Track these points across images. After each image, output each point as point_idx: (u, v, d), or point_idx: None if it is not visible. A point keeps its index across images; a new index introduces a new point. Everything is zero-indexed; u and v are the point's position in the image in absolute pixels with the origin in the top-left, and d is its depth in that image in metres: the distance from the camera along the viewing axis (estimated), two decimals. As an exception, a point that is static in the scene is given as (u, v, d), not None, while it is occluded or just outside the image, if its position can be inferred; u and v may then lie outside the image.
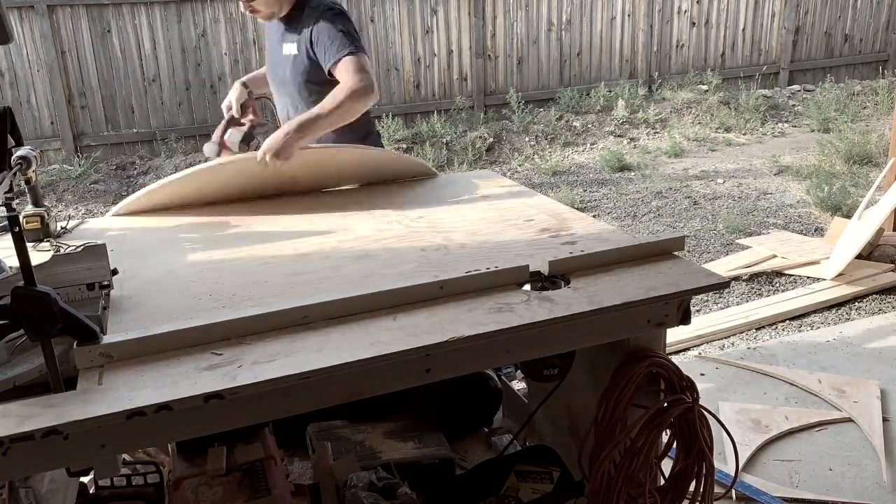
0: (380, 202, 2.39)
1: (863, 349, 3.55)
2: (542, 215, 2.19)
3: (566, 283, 1.69)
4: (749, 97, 8.80)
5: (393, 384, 1.49)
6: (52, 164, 7.22)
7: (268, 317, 1.48)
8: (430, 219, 2.20)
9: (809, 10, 9.90)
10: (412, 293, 1.59)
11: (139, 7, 7.43)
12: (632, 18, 9.20)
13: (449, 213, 2.26)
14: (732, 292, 4.25)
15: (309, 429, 2.35)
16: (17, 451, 1.19)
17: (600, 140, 8.14)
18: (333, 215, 2.28)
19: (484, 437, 2.49)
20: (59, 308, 1.27)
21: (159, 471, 2.04)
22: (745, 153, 7.58)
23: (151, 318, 1.56)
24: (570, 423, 2.15)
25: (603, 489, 1.73)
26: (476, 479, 2.10)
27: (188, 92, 7.78)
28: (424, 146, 7.62)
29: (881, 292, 4.14)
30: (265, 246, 2.00)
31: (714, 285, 1.69)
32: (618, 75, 9.28)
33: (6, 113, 1.68)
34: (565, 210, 2.25)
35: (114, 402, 1.24)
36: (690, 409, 1.75)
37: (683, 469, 1.82)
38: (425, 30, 8.41)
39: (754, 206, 5.86)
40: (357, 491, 1.93)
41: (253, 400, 1.34)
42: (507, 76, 8.85)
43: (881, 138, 7.15)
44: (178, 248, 2.02)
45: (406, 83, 8.47)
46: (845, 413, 3.00)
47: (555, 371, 1.89)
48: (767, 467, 2.72)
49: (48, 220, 2.08)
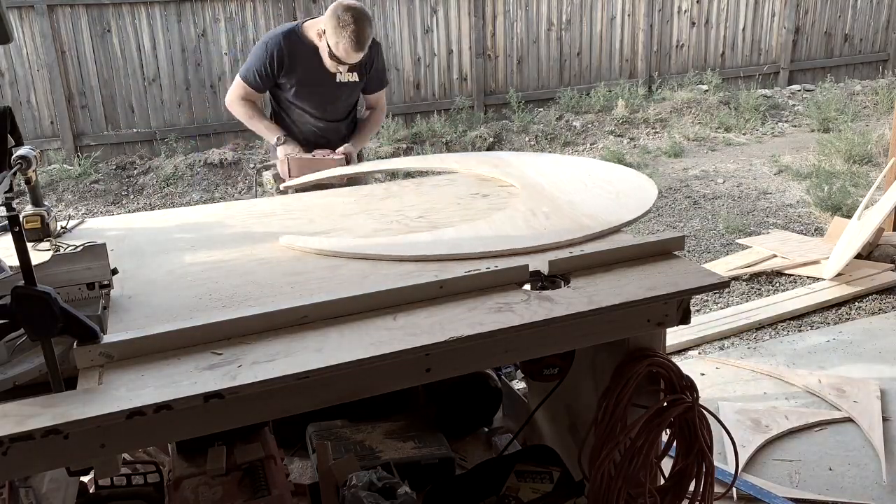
0: (380, 202, 2.39)
1: (863, 349, 3.55)
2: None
3: (566, 282, 1.69)
4: (749, 97, 8.79)
5: (393, 384, 1.49)
6: (52, 164, 7.22)
7: (268, 317, 1.48)
8: (431, 218, 2.20)
9: (809, 9, 9.90)
10: (412, 293, 1.59)
11: (139, 7, 7.42)
12: (632, 18, 9.20)
13: (449, 213, 2.26)
14: (732, 292, 4.25)
15: (309, 429, 2.35)
16: (17, 451, 1.19)
17: (600, 140, 8.14)
18: (333, 215, 2.28)
19: (484, 437, 2.49)
20: (59, 308, 1.27)
21: (159, 471, 2.04)
22: (745, 153, 7.58)
23: (151, 318, 1.56)
24: (570, 423, 2.15)
25: (603, 489, 1.73)
26: (476, 479, 2.10)
27: (188, 92, 7.77)
28: (424, 146, 7.62)
29: (881, 292, 4.14)
30: (265, 246, 2.00)
31: (714, 285, 1.69)
32: (618, 75, 9.28)
33: (6, 113, 1.68)
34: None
35: (114, 402, 1.24)
36: (690, 408, 1.75)
37: (683, 469, 1.82)
38: (425, 30, 8.41)
39: (754, 206, 5.86)
40: (357, 491, 1.93)
41: (253, 400, 1.34)
42: (507, 76, 8.85)
43: (881, 138, 7.15)
44: (178, 248, 2.02)
45: (406, 83, 8.47)
46: (845, 413, 3.00)
47: (555, 371, 1.89)
48: (767, 467, 2.72)
49: (48, 220, 2.08)
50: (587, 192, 2.30)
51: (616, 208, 2.12)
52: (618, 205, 2.16)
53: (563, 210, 2.13)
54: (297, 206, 2.40)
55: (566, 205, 2.17)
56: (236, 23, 7.73)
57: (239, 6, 7.69)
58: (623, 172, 2.54)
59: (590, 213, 2.08)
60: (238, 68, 3.59)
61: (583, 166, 2.67)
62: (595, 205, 2.17)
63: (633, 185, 2.34)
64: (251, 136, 7.97)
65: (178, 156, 7.42)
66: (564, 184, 2.38)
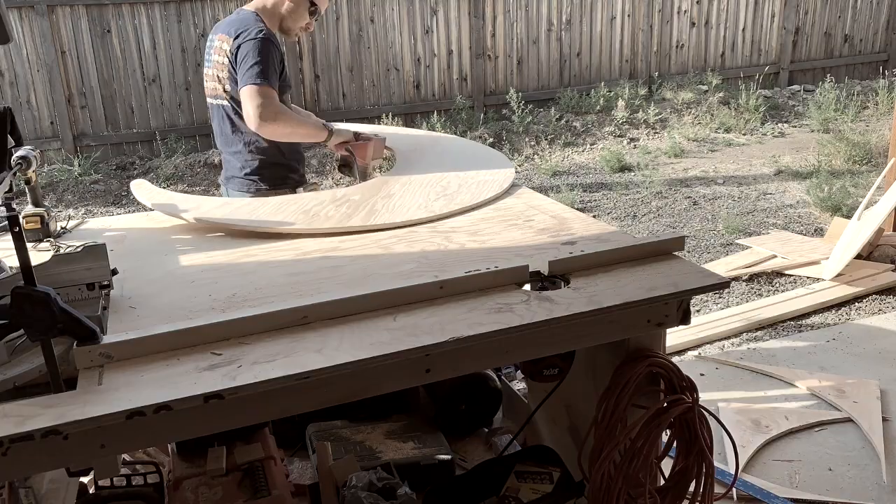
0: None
1: (863, 349, 3.55)
2: (542, 215, 2.19)
3: (566, 283, 1.69)
4: (749, 97, 8.80)
5: (393, 384, 1.48)
6: (53, 164, 7.22)
7: (268, 317, 1.48)
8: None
9: (809, 10, 9.91)
10: (412, 293, 1.59)
11: (139, 7, 7.43)
12: (632, 18, 9.20)
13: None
14: (732, 292, 4.25)
15: (309, 429, 2.35)
16: (17, 451, 1.19)
17: (600, 140, 8.14)
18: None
19: (484, 437, 2.49)
20: (59, 308, 1.27)
21: (159, 471, 2.04)
22: (745, 153, 7.59)
23: (151, 318, 1.56)
24: (570, 423, 2.14)
25: (603, 489, 1.73)
26: (476, 480, 2.10)
27: (188, 92, 7.78)
28: (424, 146, 7.61)
29: (881, 292, 4.15)
30: (265, 246, 2.00)
31: (714, 285, 1.69)
32: (618, 75, 9.29)
33: (6, 113, 1.68)
34: (565, 210, 2.25)
35: (114, 402, 1.24)
36: (690, 409, 1.74)
37: (683, 469, 1.82)
38: (425, 30, 8.41)
39: (754, 207, 5.86)
40: (357, 491, 1.93)
41: (253, 400, 1.34)
42: (507, 76, 8.85)
43: (881, 138, 7.15)
44: (178, 249, 2.02)
45: (406, 83, 8.47)
46: (845, 413, 3.00)
47: (555, 371, 1.89)
48: (767, 467, 2.72)
49: (48, 220, 2.08)
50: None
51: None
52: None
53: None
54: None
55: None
56: (236, 23, 7.73)
57: (239, 6, 7.69)
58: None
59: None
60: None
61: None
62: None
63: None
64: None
65: (178, 156, 7.42)
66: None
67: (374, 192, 2.32)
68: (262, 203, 2.31)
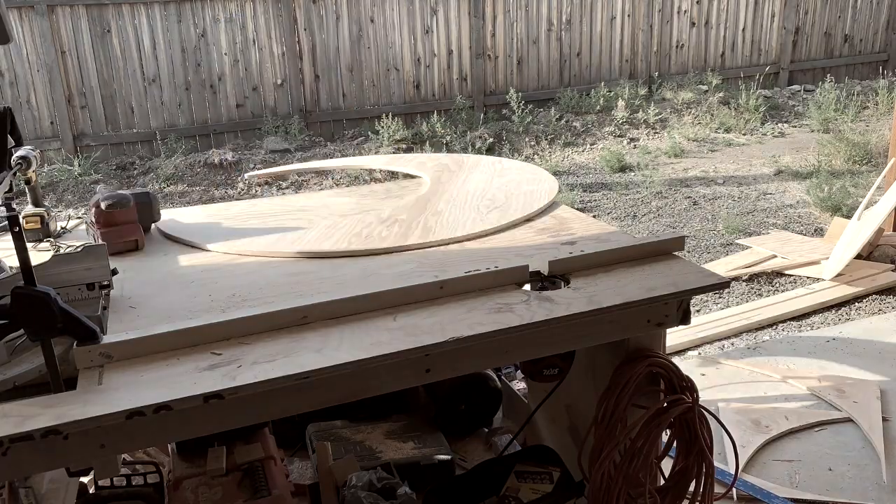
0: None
1: (863, 349, 3.55)
2: (543, 215, 2.19)
3: (566, 283, 1.69)
4: (749, 97, 8.80)
5: (393, 384, 1.48)
6: (53, 164, 7.22)
7: (268, 317, 1.48)
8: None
9: (809, 10, 9.91)
10: (412, 293, 1.59)
11: (139, 7, 7.43)
12: (632, 18, 9.20)
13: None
14: (732, 292, 4.25)
15: (309, 429, 2.35)
16: (17, 451, 1.19)
17: (600, 140, 8.14)
18: (333, 215, 2.28)
19: (484, 437, 2.49)
20: (59, 308, 1.27)
21: (159, 471, 2.04)
22: (745, 153, 7.59)
23: (151, 318, 1.56)
24: (570, 423, 2.14)
25: (603, 489, 1.73)
26: (476, 480, 2.10)
27: (188, 92, 7.78)
28: (424, 146, 7.62)
29: (881, 292, 4.14)
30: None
31: (714, 285, 1.69)
32: (618, 75, 9.29)
33: (6, 113, 1.68)
34: (565, 210, 2.25)
35: (114, 402, 1.24)
36: (690, 409, 1.74)
37: (683, 469, 1.82)
38: (425, 30, 8.41)
39: (754, 207, 5.86)
40: (357, 491, 1.93)
41: (253, 400, 1.34)
42: (507, 76, 8.85)
43: (881, 138, 7.15)
44: (178, 249, 2.02)
45: (406, 83, 8.47)
46: (845, 413, 3.00)
47: (555, 371, 1.89)
48: (767, 467, 2.72)
49: (48, 220, 2.07)
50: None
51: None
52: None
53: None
54: (295, 206, 2.40)
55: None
56: (236, 23, 7.73)
57: (239, 6, 7.69)
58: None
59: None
60: (238, 68, 3.45)
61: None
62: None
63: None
64: (251, 136, 7.99)
65: (178, 156, 7.42)
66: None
67: (420, 211, 2.26)
68: (305, 231, 2.17)
